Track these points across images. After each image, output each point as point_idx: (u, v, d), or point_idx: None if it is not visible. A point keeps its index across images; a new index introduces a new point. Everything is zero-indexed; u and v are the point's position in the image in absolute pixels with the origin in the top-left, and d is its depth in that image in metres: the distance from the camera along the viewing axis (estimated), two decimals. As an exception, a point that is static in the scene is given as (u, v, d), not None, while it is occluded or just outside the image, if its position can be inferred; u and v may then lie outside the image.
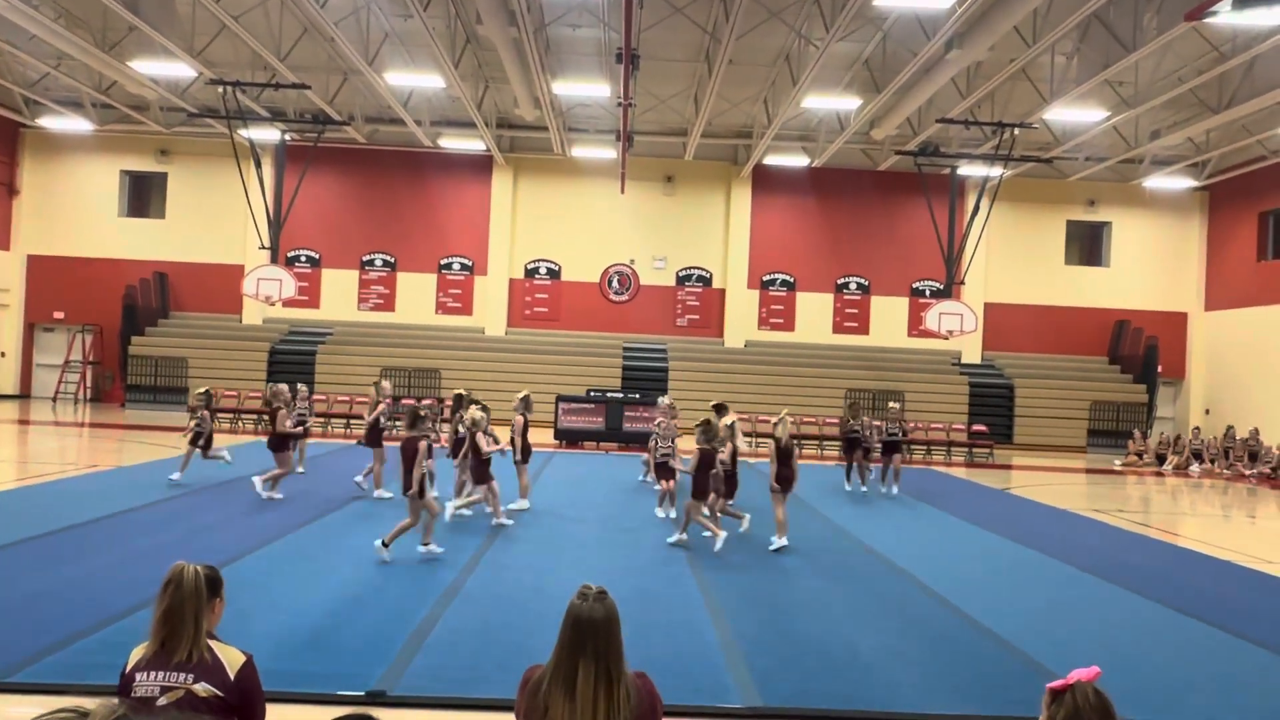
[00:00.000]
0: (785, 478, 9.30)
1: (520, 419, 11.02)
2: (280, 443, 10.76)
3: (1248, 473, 20.32)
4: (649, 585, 7.51)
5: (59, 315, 25.77)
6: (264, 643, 5.26)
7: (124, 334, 24.42)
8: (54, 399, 25.13)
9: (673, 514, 10.75)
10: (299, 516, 9.84)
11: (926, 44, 15.84)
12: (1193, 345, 26.63)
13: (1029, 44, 16.18)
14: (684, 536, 9.34)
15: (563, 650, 2.73)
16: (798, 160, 25.03)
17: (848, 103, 20.03)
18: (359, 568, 7.69)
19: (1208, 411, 25.86)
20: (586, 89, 20.39)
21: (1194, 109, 20.08)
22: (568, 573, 7.79)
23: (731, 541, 9.49)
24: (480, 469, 9.83)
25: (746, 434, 15.71)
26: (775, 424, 9.53)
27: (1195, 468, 21.17)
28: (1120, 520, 12.88)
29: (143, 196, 26.73)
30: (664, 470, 10.92)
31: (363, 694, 4.86)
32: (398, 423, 10.97)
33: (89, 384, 25.45)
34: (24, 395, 25.68)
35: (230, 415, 21.16)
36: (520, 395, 11.26)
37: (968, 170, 23.52)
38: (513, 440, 10.93)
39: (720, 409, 10.41)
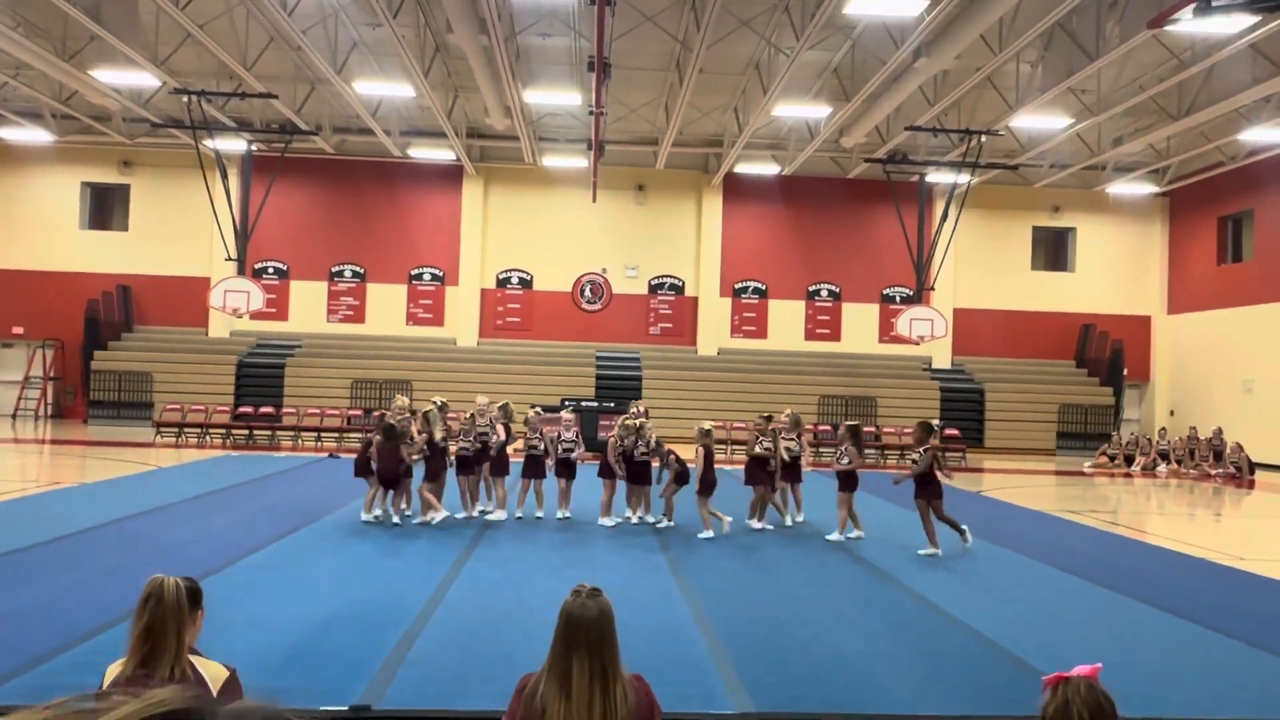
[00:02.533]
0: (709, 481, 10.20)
1: (501, 429, 11.07)
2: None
3: (1213, 472, 20.67)
4: (632, 592, 7.42)
5: (18, 330, 25.17)
6: (244, 658, 5.08)
7: (86, 349, 23.91)
8: (14, 416, 24.51)
9: (635, 517, 11.02)
10: (274, 530, 9.64)
11: (895, 52, 16.00)
12: (1156, 348, 27.11)
13: (995, 52, 16.41)
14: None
15: (558, 649, 2.71)
16: (768, 168, 25.16)
17: (817, 111, 20.18)
18: (338, 581, 7.53)
19: (1172, 413, 26.31)
20: (557, 98, 20.36)
21: (1155, 116, 20.49)
22: (549, 581, 7.69)
23: (711, 549, 9.43)
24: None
25: (721, 441, 15.98)
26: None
27: (1162, 468, 21.50)
28: (1093, 520, 13.01)
29: (105, 209, 26.24)
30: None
31: (346, 709, 4.73)
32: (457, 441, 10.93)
33: (50, 400, 24.87)
34: (-18, 413, 25.03)
35: (199, 430, 20.75)
36: (499, 405, 11.33)
37: (936, 177, 23.78)
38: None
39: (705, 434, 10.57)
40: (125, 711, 0.73)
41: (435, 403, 10.88)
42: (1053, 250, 27.93)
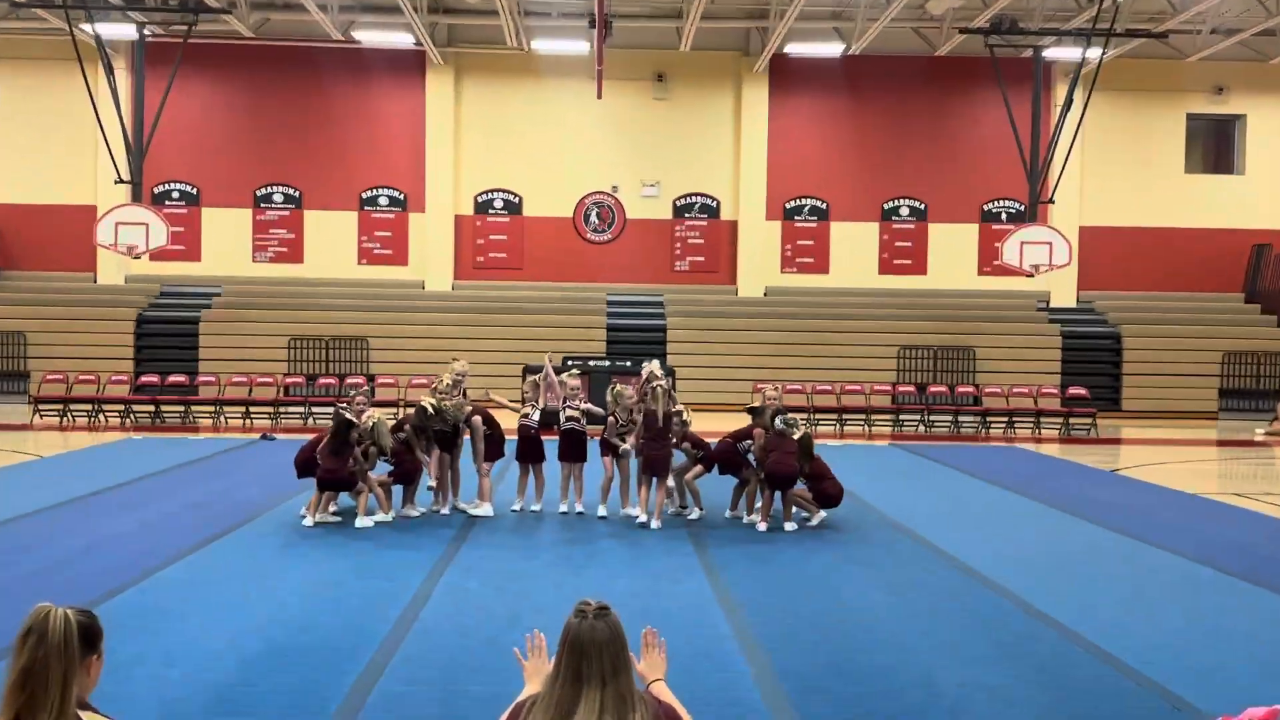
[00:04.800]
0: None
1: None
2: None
3: None
4: (657, 604, 7.45)
5: None
6: (154, 708, 5.19)
7: (-61, 303, 24.15)
8: None
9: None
10: (192, 537, 9.75)
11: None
12: (1353, 275, 26.77)
13: (1136, -121, 15.99)
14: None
15: (561, 681, 2.92)
16: (830, 47, 24.87)
17: (896, -34, 19.83)
18: (279, 602, 7.61)
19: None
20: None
21: (1353, -39, 19.98)
22: (547, 595, 7.74)
23: (752, 546, 9.49)
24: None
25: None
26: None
27: (1360, 436, 21.33)
28: (1271, 507, 12.94)
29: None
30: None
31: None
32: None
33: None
34: None
35: (90, 407, 20.93)
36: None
37: (1056, 53, 23.44)
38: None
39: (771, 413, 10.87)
40: None
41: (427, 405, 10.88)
42: (1214, 146, 27.54)
